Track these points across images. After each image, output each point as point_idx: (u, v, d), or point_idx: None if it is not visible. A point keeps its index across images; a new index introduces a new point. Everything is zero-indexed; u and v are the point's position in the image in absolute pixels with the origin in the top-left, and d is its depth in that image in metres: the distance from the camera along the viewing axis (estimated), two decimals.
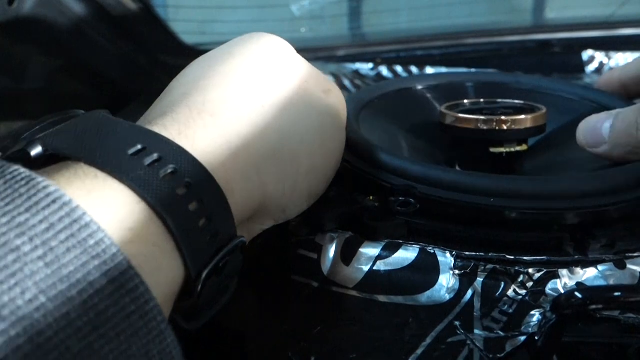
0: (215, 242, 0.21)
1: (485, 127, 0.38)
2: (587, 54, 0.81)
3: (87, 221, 0.17)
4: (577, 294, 0.25)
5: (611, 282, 0.27)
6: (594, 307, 0.25)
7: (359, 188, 0.34)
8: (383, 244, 0.30)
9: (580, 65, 0.81)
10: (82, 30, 0.52)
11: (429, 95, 0.46)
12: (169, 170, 0.20)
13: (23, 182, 0.17)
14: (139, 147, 0.20)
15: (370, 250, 0.30)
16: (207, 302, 0.22)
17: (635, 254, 0.28)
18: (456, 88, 0.46)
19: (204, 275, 0.21)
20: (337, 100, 0.31)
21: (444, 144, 0.43)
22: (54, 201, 0.17)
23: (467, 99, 0.44)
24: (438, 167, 0.34)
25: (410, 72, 0.83)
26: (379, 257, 0.30)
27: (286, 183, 0.26)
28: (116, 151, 0.20)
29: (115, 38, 0.56)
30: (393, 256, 0.29)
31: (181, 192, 0.20)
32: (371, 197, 0.33)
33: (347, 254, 0.30)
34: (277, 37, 0.30)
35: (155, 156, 0.20)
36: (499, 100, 0.43)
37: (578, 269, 0.28)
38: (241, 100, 0.25)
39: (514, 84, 0.46)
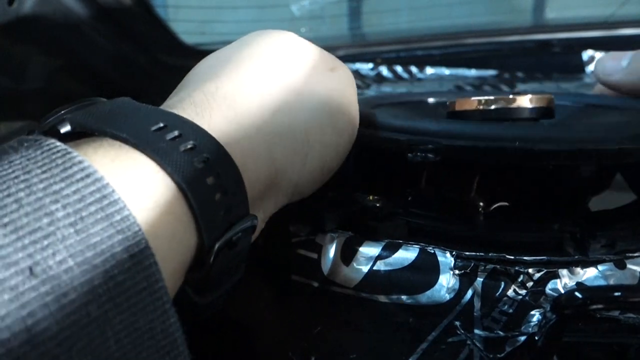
0: (229, 216, 0.22)
1: (494, 107, 0.38)
2: (587, 54, 0.81)
3: (116, 198, 0.18)
4: (577, 294, 0.25)
5: (611, 282, 0.27)
6: (594, 307, 0.25)
7: (375, 154, 0.34)
8: (383, 244, 0.30)
9: (580, 65, 0.81)
10: (82, 30, 0.52)
11: (437, 105, 0.46)
12: (189, 146, 0.21)
13: (59, 154, 0.18)
14: (161, 124, 0.22)
15: (370, 250, 0.30)
16: (218, 276, 0.23)
17: (636, 254, 0.28)
18: None
19: (216, 246, 0.21)
20: (344, 76, 0.32)
21: None
22: (87, 175, 0.18)
23: None
24: (453, 121, 0.34)
25: (410, 72, 0.83)
26: (379, 257, 0.30)
27: (296, 158, 0.27)
28: (139, 127, 0.21)
29: (115, 38, 0.56)
30: (393, 256, 0.29)
31: (199, 166, 0.21)
32: (371, 197, 0.33)
33: (347, 254, 0.30)
34: (281, 31, 0.31)
35: (175, 133, 0.22)
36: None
37: (578, 269, 0.28)
38: (251, 84, 0.27)
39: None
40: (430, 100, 0.46)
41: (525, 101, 0.37)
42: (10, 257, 0.16)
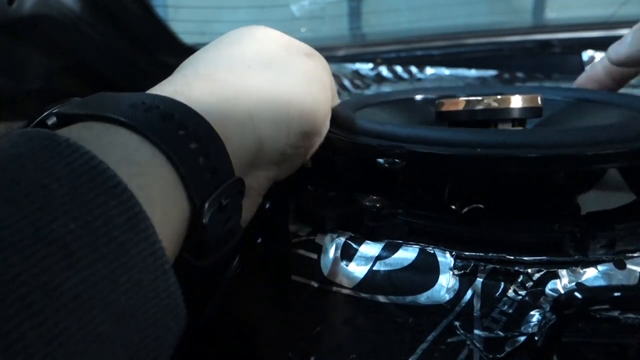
0: (215, 178, 0.23)
1: (483, 107, 0.38)
2: (587, 54, 0.81)
3: (104, 167, 0.19)
4: (577, 294, 0.25)
5: (611, 282, 0.27)
6: (593, 307, 0.25)
7: (349, 154, 0.34)
8: (383, 244, 0.30)
9: (581, 65, 0.81)
10: (81, 30, 0.52)
11: (426, 104, 0.46)
12: (168, 117, 0.23)
13: (45, 136, 0.19)
14: (140, 102, 0.23)
15: (370, 251, 0.30)
16: (214, 239, 0.23)
17: (635, 254, 0.28)
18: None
19: (206, 205, 0.22)
20: (319, 62, 0.34)
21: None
22: (74, 150, 0.19)
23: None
24: (422, 127, 0.34)
25: (410, 72, 0.83)
26: (378, 257, 0.30)
27: (280, 125, 0.28)
28: (120, 106, 0.22)
29: (115, 38, 0.56)
30: (393, 256, 0.30)
31: (181, 133, 0.22)
32: (372, 197, 0.33)
33: (347, 254, 0.30)
34: (261, 26, 0.33)
35: (155, 107, 0.23)
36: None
37: (578, 269, 0.28)
38: (230, 62, 0.29)
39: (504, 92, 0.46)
40: (419, 98, 0.46)
41: (513, 101, 0.37)
42: (17, 224, 0.17)
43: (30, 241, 0.16)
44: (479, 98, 0.38)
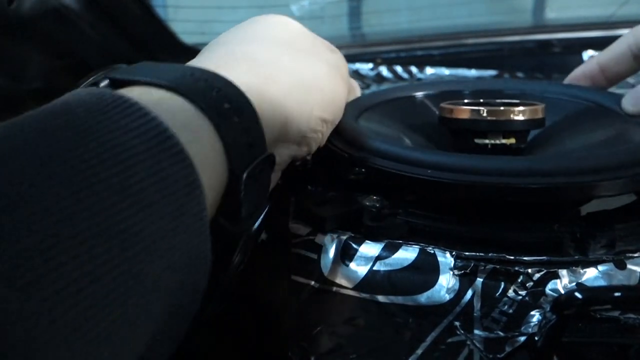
0: (252, 150, 0.25)
1: (487, 117, 0.38)
2: (587, 54, 0.81)
3: (171, 133, 0.20)
4: (577, 294, 0.25)
5: (611, 282, 0.27)
6: (594, 307, 0.25)
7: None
8: (383, 244, 0.30)
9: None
10: (81, 29, 0.52)
11: (427, 102, 0.46)
12: (215, 90, 0.24)
13: (115, 96, 0.21)
14: (188, 74, 0.24)
15: (370, 251, 0.30)
16: (247, 206, 0.25)
17: (636, 254, 0.28)
18: (453, 94, 0.46)
19: (244, 176, 0.24)
20: (340, 58, 0.36)
21: (444, 141, 0.43)
22: (144, 114, 0.20)
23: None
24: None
25: (410, 72, 0.83)
26: (378, 257, 0.30)
27: (304, 107, 0.30)
28: (170, 74, 0.24)
29: (115, 38, 0.56)
30: (393, 256, 0.29)
31: (227, 106, 0.24)
32: (372, 197, 0.33)
33: (347, 254, 0.30)
34: (285, 16, 0.35)
35: (202, 79, 0.24)
36: (497, 100, 0.42)
37: (578, 269, 0.28)
38: (265, 46, 0.31)
39: (506, 90, 0.46)
40: (419, 95, 0.46)
41: (517, 113, 0.37)
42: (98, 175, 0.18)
43: (112, 192, 0.18)
44: (484, 108, 0.38)
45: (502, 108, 0.38)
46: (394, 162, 0.33)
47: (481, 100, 0.43)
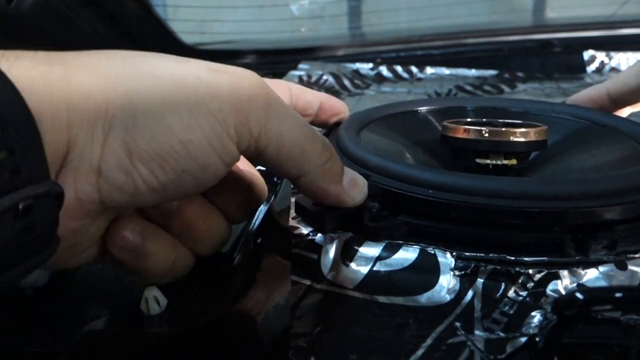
0: (17, 179, 0.19)
1: (489, 138, 0.38)
2: (587, 54, 0.81)
3: None
4: (578, 295, 0.25)
5: (612, 283, 0.27)
6: (595, 308, 0.25)
7: None
8: (383, 244, 0.30)
9: (581, 65, 0.81)
10: (81, 29, 0.52)
11: (431, 118, 0.45)
12: None
13: None
14: None
15: (370, 251, 0.30)
16: (10, 252, 0.19)
17: (637, 255, 0.28)
18: (457, 111, 0.46)
19: None
20: (229, 79, 0.25)
21: (446, 158, 0.43)
22: None
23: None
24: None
25: (410, 72, 0.83)
26: (379, 258, 0.30)
27: (96, 133, 0.22)
28: None
29: (115, 37, 0.56)
30: (393, 257, 0.29)
31: None
32: (372, 197, 0.33)
33: (347, 255, 0.30)
34: None
35: None
36: (500, 120, 0.42)
37: (579, 270, 0.28)
38: (81, 53, 0.24)
39: (511, 108, 0.46)
40: (423, 110, 0.46)
41: (517, 135, 0.37)
42: None
43: None
44: (485, 129, 0.38)
45: (503, 129, 0.38)
46: (393, 180, 0.32)
47: (484, 120, 0.42)
